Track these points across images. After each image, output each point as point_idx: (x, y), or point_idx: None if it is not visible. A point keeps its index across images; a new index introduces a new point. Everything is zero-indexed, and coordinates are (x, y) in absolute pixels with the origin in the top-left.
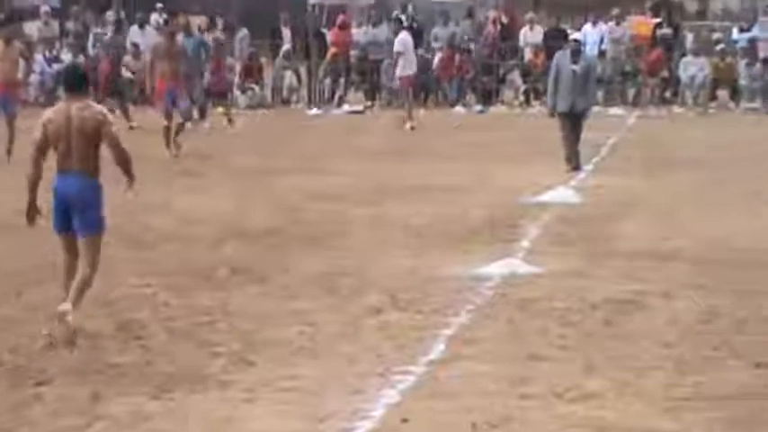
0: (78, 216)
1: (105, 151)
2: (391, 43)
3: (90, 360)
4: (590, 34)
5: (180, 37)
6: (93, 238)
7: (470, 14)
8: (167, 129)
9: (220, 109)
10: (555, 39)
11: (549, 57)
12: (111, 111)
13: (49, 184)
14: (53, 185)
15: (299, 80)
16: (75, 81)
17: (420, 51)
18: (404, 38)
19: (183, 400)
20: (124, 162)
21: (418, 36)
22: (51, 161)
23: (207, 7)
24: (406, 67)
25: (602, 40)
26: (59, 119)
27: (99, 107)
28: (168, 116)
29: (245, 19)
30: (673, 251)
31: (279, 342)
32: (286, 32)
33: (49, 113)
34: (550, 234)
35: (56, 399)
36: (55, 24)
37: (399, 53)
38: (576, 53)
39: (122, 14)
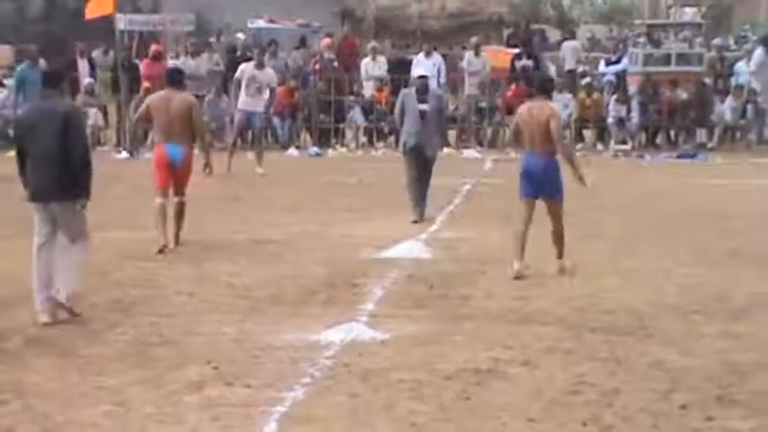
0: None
1: None
2: (213, 76)
3: None
4: (423, 65)
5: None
6: (557, 203)
7: (303, 43)
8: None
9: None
10: (401, 72)
11: (394, 92)
12: None
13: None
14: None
15: (106, 119)
16: None
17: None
18: None
19: None
20: None
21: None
22: None
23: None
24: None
25: (439, 73)
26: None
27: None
28: None
29: (43, 47)
30: (535, 312)
31: (83, 425)
32: (83, 65)
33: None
34: (397, 294)
35: None
36: None
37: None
38: (423, 91)
39: None
